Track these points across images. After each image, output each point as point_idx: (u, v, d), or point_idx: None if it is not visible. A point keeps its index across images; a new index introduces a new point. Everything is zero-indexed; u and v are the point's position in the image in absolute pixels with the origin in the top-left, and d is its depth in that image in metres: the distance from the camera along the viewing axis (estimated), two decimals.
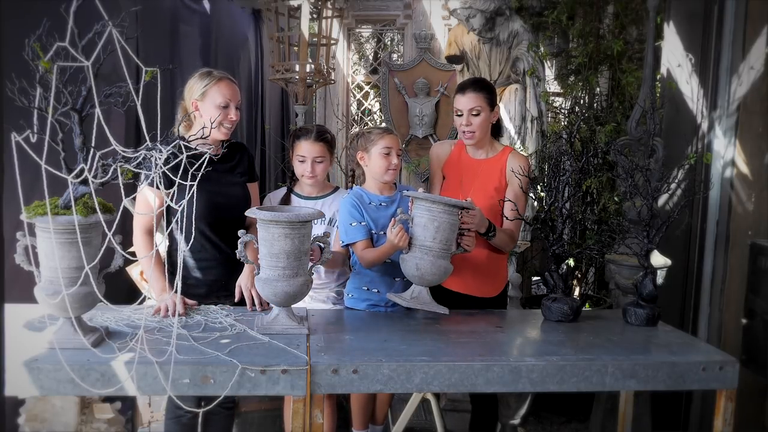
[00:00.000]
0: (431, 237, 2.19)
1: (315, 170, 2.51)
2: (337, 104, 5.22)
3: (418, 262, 2.20)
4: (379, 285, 2.44)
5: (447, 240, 2.21)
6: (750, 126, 3.07)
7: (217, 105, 2.35)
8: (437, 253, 2.20)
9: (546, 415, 3.65)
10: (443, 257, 2.22)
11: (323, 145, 2.52)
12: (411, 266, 2.22)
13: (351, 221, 2.39)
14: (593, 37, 3.90)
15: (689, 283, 3.28)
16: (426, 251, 2.20)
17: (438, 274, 2.22)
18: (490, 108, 2.52)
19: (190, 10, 3.96)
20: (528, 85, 4.09)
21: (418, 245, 2.22)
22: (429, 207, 2.20)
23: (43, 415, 2.37)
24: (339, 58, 5.22)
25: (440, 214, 2.19)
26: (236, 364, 1.73)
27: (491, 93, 2.55)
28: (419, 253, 2.21)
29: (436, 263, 2.20)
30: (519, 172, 2.45)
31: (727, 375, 1.93)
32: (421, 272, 2.20)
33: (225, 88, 2.36)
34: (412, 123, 4.59)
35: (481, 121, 2.50)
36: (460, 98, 2.51)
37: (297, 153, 2.53)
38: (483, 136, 2.54)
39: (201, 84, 2.38)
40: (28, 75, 1.59)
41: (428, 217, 2.20)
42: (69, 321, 1.79)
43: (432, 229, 2.19)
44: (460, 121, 2.50)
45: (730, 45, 3.08)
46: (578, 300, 2.42)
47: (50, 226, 1.64)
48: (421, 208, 2.22)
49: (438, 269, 2.21)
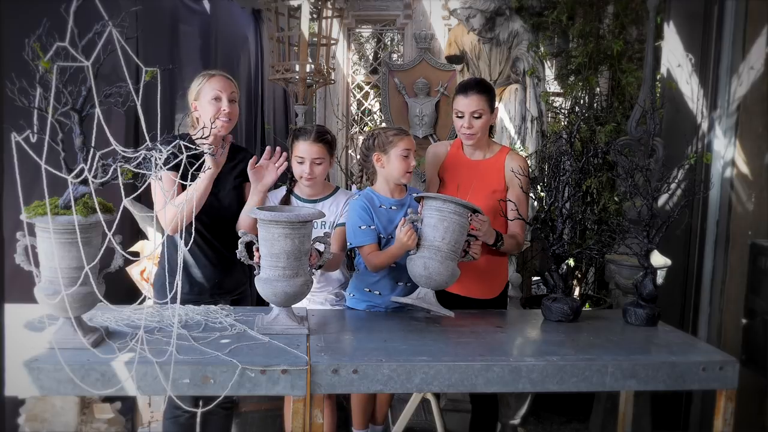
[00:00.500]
0: (440, 237, 2.17)
1: (314, 172, 2.45)
2: (337, 104, 5.22)
3: (426, 262, 2.17)
4: (381, 287, 2.43)
5: (456, 242, 2.18)
6: (750, 126, 3.07)
7: (210, 100, 2.36)
8: (446, 254, 2.17)
9: (546, 415, 3.65)
10: (452, 259, 2.19)
11: (322, 146, 2.45)
12: (419, 266, 2.19)
13: (360, 224, 2.37)
14: (593, 37, 3.90)
15: (689, 283, 3.28)
16: (435, 251, 2.17)
17: (446, 275, 2.18)
18: (490, 110, 2.52)
19: (190, 10, 3.96)
20: (528, 85, 4.09)
21: (427, 245, 2.18)
22: (439, 207, 2.18)
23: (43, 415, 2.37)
24: (339, 58, 5.22)
25: (450, 214, 2.16)
26: (236, 364, 1.73)
27: (492, 95, 2.55)
28: (428, 252, 2.18)
29: (445, 263, 2.17)
30: (519, 173, 2.45)
31: (727, 375, 1.93)
32: (429, 272, 2.17)
33: (215, 82, 2.38)
34: (412, 123, 4.59)
35: (482, 124, 2.50)
36: (461, 99, 2.48)
37: (295, 154, 2.47)
38: (482, 137, 2.55)
39: (196, 84, 2.41)
40: (28, 75, 1.59)
41: (438, 217, 2.17)
42: (69, 321, 1.79)
43: (441, 229, 2.16)
44: (461, 122, 2.48)
45: (730, 45, 3.08)
46: (578, 300, 2.42)
47: (50, 226, 1.64)
48: (431, 207, 2.20)
49: (446, 270, 2.17)
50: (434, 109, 4.60)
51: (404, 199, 2.46)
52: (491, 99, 2.53)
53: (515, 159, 2.56)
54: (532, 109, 4.07)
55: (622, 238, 2.57)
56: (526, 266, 4.06)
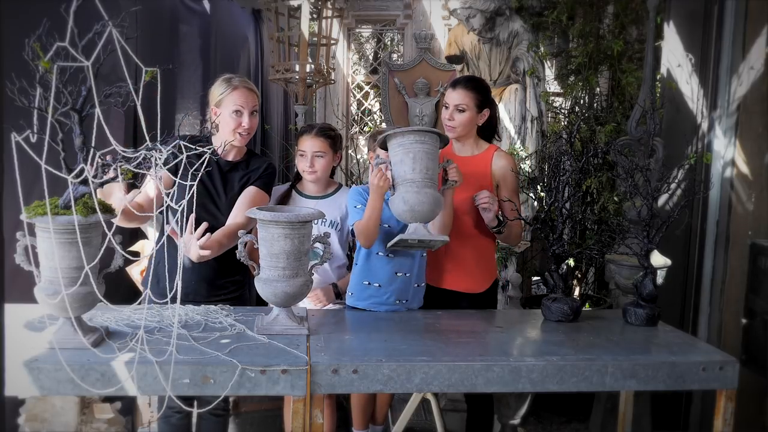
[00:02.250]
0: (410, 169, 2.15)
1: (314, 165, 2.52)
2: (337, 104, 5.22)
3: (404, 196, 2.15)
4: (381, 278, 2.42)
5: (427, 168, 2.16)
6: (750, 126, 3.07)
7: (231, 113, 2.39)
8: (420, 183, 2.15)
9: (546, 415, 3.65)
10: (429, 186, 2.16)
11: (324, 140, 2.54)
12: (398, 202, 2.17)
13: (356, 204, 2.41)
14: (593, 37, 3.90)
15: (689, 283, 3.28)
16: (409, 184, 2.16)
17: (427, 203, 2.15)
18: (477, 108, 2.55)
19: (190, 10, 3.96)
20: (528, 85, 4.09)
21: (400, 181, 2.18)
22: (400, 141, 2.16)
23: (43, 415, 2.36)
24: (339, 58, 5.22)
25: (412, 144, 2.15)
26: (236, 364, 1.73)
27: (482, 94, 2.56)
28: (402, 188, 2.17)
29: (422, 191, 2.14)
30: (508, 170, 2.51)
31: (727, 375, 1.93)
32: (410, 205, 2.14)
33: (238, 95, 2.40)
34: (412, 123, 4.59)
35: (464, 119, 2.53)
36: (450, 92, 2.57)
37: (298, 148, 2.59)
38: (464, 133, 2.58)
39: (219, 91, 2.44)
40: (28, 75, 1.59)
41: (402, 151, 2.16)
42: (69, 321, 1.79)
43: (409, 161, 2.15)
44: (445, 114, 2.57)
45: (730, 45, 3.08)
46: (578, 300, 2.42)
47: (50, 226, 1.64)
48: (393, 146, 2.19)
49: (426, 197, 2.14)
50: (434, 109, 4.60)
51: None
52: (481, 97, 2.55)
53: (502, 157, 2.60)
54: (532, 109, 4.07)
55: (622, 238, 2.57)
56: (526, 266, 4.06)
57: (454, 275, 2.53)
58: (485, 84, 2.67)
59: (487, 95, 2.59)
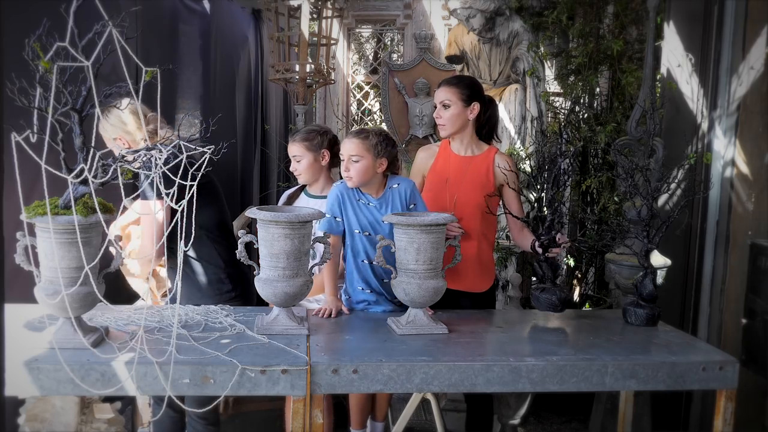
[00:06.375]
0: (413, 259, 2.10)
1: (296, 167, 2.69)
2: (337, 104, 5.22)
3: (405, 288, 2.11)
4: (370, 284, 2.44)
5: (431, 259, 2.11)
6: (750, 126, 3.07)
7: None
8: (423, 275, 2.10)
9: (546, 415, 3.65)
10: (431, 278, 2.12)
11: (299, 145, 2.67)
12: (400, 292, 2.15)
13: (331, 212, 2.41)
14: (593, 37, 3.90)
15: (689, 283, 3.28)
16: (411, 275, 2.11)
17: (427, 296, 2.12)
18: (463, 103, 2.56)
19: (190, 10, 3.95)
20: (528, 85, 4.09)
21: (403, 269, 2.13)
22: (405, 230, 2.10)
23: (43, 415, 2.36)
24: (339, 58, 5.22)
25: (417, 234, 2.08)
26: (236, 364, 1.73)
27: (468, 89, 2.58)
28: (405, 277, 2.12)
29: (423, 285, 2.10)
30: (508, 171, 2.52)
31: (727, 375, 1.93)
32: (411, 297, 2.12)
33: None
34: (412, 123, 4.60)
35: (450, 115, 2.56)
36: (436, 93, 2.64)
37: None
38: (455, 129, 2.59)
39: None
40: (28, 75, 1.59)
41: (407, 240, 2.10)
42: (69, 321, 1.79)
43: (413, 251, 2.09)
44: (434, 113, 2.64)
45: (730, 45, 3.08)
46: (567, 290, 2.40)
47: (50, 226, 1.64)
48: (398, 231, 2.13)
49: (426, 292, 2.11)
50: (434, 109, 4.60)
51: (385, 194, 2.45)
52: (467, 91, 2.57)
53: (504, 158, 2.62)
54: (532, 109, 4.07)
55: (622, 238, 2.57)
56: (526, 266, 4.06)
57: (455, 275, 2.54)
58: (472, 80, 2.69)
59: (474, 90, 2.60)
